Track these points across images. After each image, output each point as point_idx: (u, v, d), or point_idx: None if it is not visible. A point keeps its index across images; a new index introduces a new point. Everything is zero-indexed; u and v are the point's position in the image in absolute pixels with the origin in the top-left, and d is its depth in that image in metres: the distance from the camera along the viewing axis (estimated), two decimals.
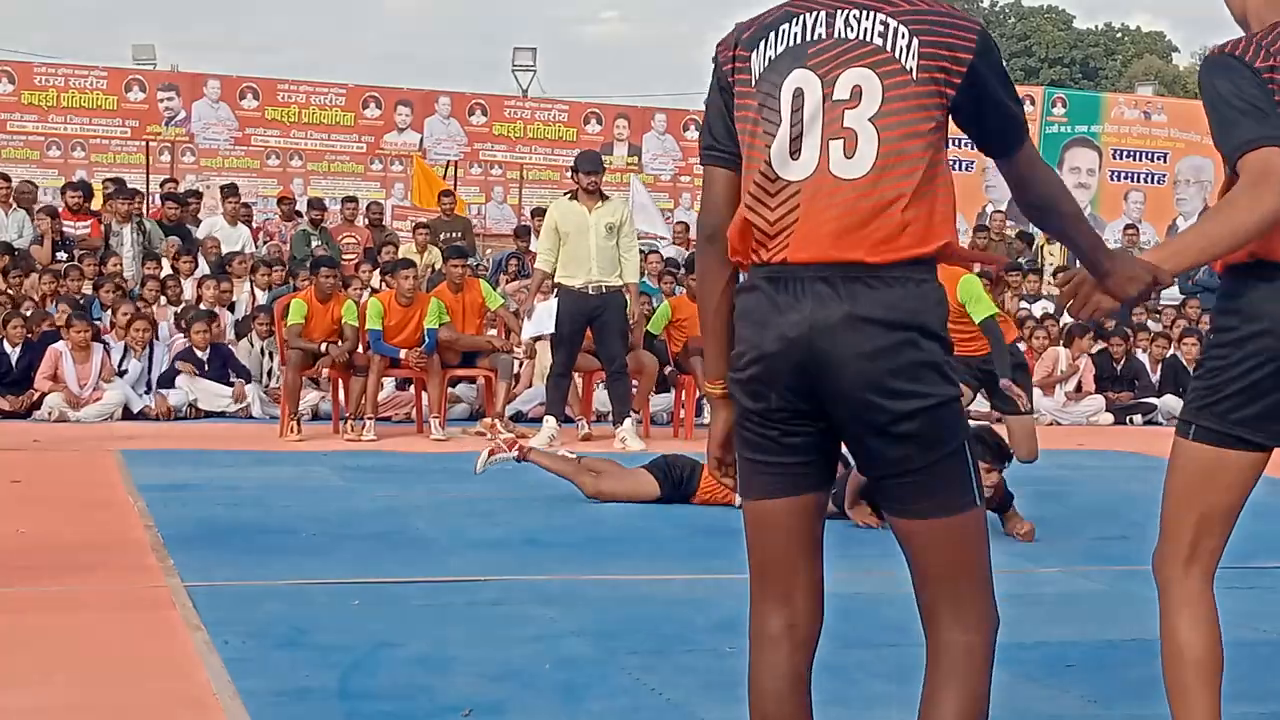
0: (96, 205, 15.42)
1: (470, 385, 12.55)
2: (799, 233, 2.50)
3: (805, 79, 2.52)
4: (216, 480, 8.31)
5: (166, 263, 13.91)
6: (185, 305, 13.15)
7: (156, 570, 5.76)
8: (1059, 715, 4.08)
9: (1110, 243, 15.61)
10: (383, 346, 10.95)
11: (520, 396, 12.43)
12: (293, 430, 10.72)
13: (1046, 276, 16.72)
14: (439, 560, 6.18)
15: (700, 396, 12.13)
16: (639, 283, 11.08)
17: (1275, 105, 2.95)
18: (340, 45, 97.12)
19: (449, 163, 21.32)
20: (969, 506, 2.57)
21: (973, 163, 18.22)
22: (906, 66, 2.48)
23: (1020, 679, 4.25)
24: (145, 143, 19.80)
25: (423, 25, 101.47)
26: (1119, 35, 60.86)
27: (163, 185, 18.31)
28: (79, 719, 3.95)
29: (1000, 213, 18.21)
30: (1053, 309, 15.01)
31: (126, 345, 12.01)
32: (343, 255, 14.92)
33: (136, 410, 11.66)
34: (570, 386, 11.07)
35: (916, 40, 2.48)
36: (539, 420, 11.11)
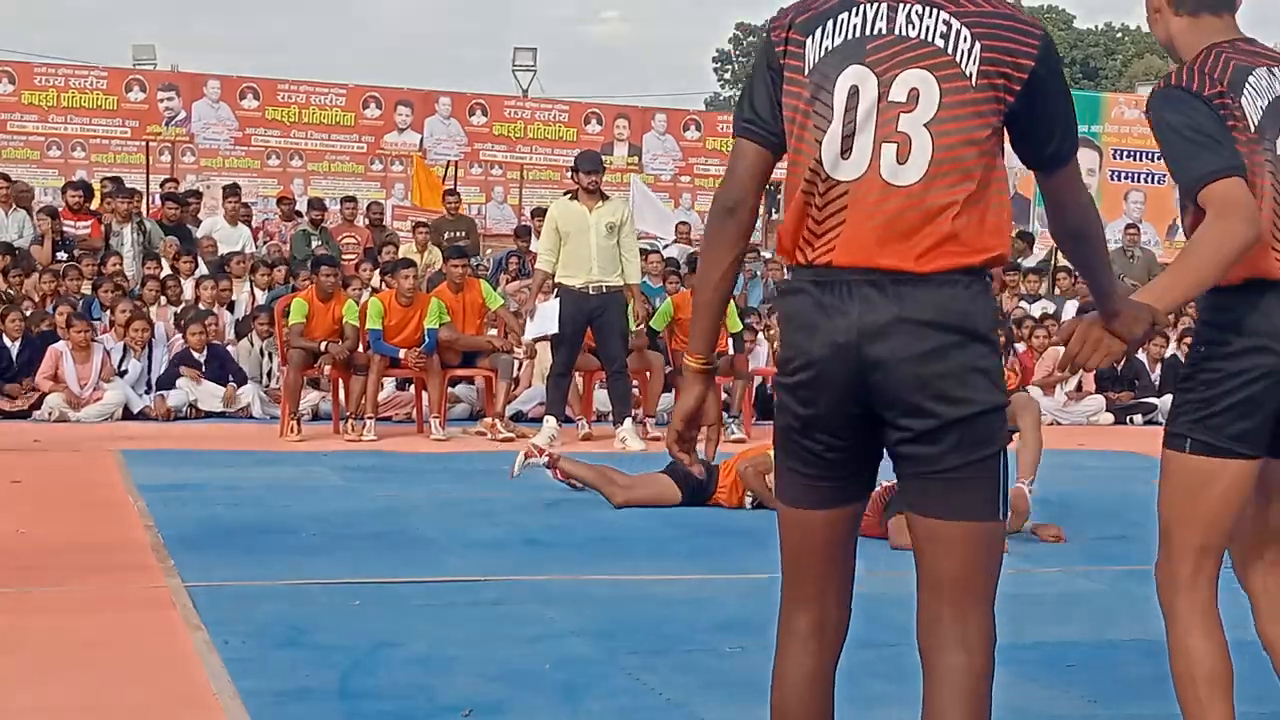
0: (96, 205, 15.43)
1: (469, 386, 12.54)
2: (845, 236, 2.47)
3: (862, 76, 2.46)
4: (216, 480, 8.31)
5: (166, 263, 13.90)
6: (185, 305, 13.15)
7: (156, 570, 5.76)
8: (1059, 715, 4.08)
9: (1111, 243, 15.64)
10: (382, 346, 10.95)
11: (520, 396, 12.42)
12: (293, 430, 10.71)
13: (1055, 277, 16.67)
14: (439, 560, 6.18)
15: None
16: (640, 283, 11.06)
17: (1229, 132, 2.99)
18: (340, 45, 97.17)
19: (449, 163, 21.30)
20: (992, 516, 2.54)
21: None
22: (966, 71, 2.43)
23: (1020, 679, 4.24)
24: (145, 143, 19.79)
25: (423, 25, 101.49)
26: (1119, 35, 60.83)
27: (163, 185, 18.30)
28: (79, 719, 3.95)
29: None
30: (1052, 309, 14.99)
31: (126, 345, 12.01)
32: (342, 255, 14.92)
33: (137, 410, 11.66)
34: (570, 386, 11.06)
35: (979, 45, 2.43)
36: (539, 420, 11.11)
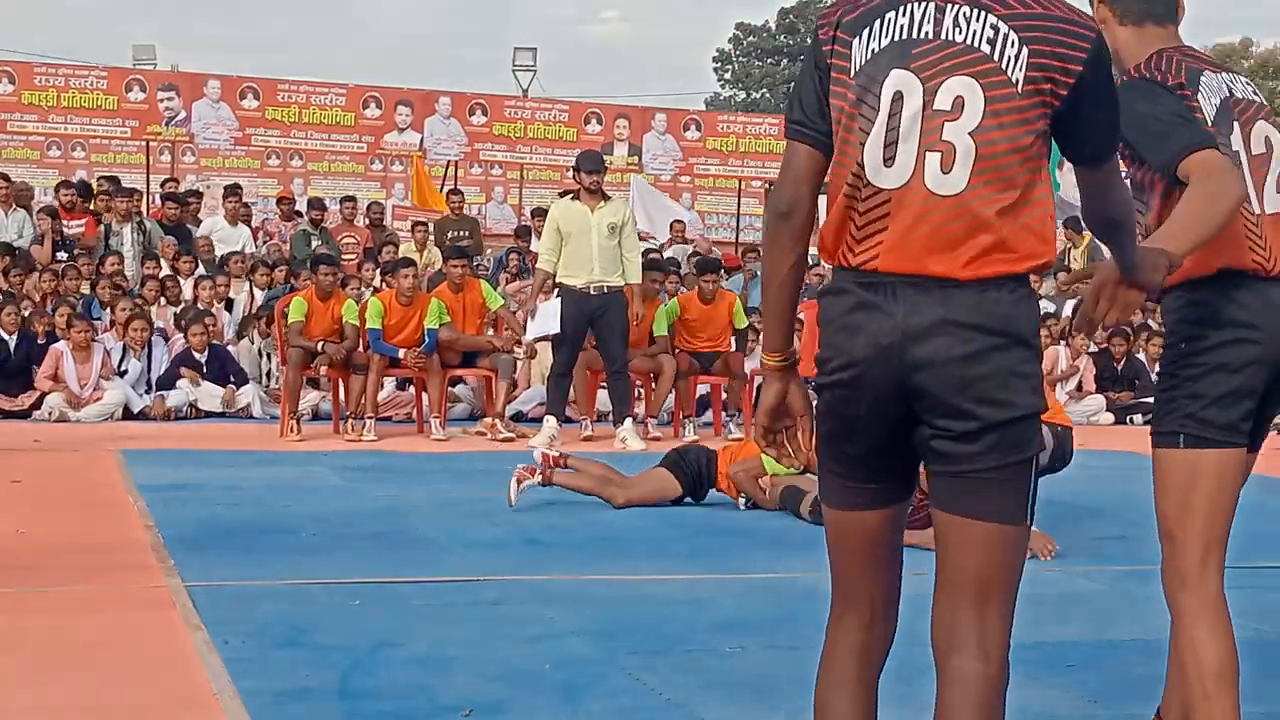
0: (93, 204, 15.45)
1: (466, 387, 12.54)
2: (887, 243, 2.47)
3: (906, 82, 2.45)
4: (216, 480, 8.31)
5: (165, 263, 13.91)
6: (184, 305, 13.16)
7: (156, 570, 5.76)
8: (1059, 715, 4.08)
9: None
10: (382, 346, 10.95)
11: (520, 396, 12.43)
12: (293, 430, 10.72)
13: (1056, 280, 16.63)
14: (439, 560, 6.18)
15: (699, 397, 12.14)
16: (640, 283, 11.06)
17: (1196, 117, 3.10)
18: (340, 45, 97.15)
19: (449, 163, 21.31)
20: (1020, 520, 2.54)
21: None
22: (1013, 79, 2.42)
23: (1020, 679, 4.22)
24: (145, 143, 19.82)
25: (423, 25, 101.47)
26: None
27: (163, 185, 18.31)
28: (79, 719, 3.95)
29: None
30: (1052, 309, 14.99)
31: (126, 345, 12.02)
32: (342, 255, 14.92)
33: (137, 410, 11.67)
34: (570, 386, 11.06)
35: (1026, 50, 2.41)
36: (539, 420, 11.11)
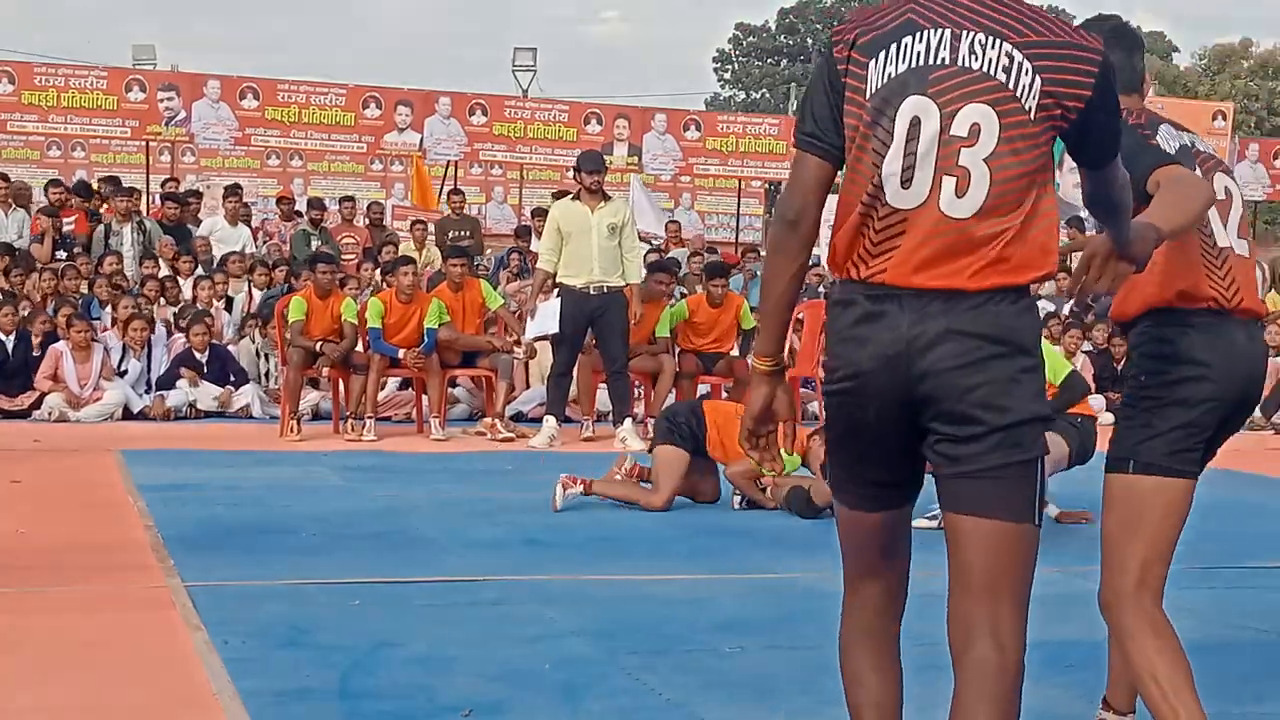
0: (83, 202, 15.47)
1: (462, 389, 12.53)
2: (897, 259, 2.57)
3: (924, 108, 2.54)
4: (216, 480, 8.31)
5: (164, 263, 13.91)
6: (183, 305, 13.15)
7: (156, 570, 5.76)
8: (1059, 715, 4.08)
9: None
10: (382, 345, 10.95)
11: (520, 396, 12.42)
12: (293, 430, 10.71)
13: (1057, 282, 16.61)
14: (439, 560, 6.19)
15: (699, 397, 12.13)
16: (640, 283, 11.06)
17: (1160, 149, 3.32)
18: (340, 45, 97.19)
19: (449, 163, 21.30)
20: (1029, 519, 2.61)
21: None
22: (1026, 107, 2.53)
23: None
24: (145, 143, 19.79)
25: (423, 25, 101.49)
26: None
27: (163, 185, 18.31)
28: (79, 719, 3.95)
29: None
30: (1051, 308, 14.97)
31: (126, 345, 12.01)
32: (342, 255, 14.92)
33: (137, 410, 11.66)
34: (570, 386, 11.06)
35: (1039, 79, 2.53)
36: (539, 420, 11.11)
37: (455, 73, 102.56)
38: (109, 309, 12.58)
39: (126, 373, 11.89)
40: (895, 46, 2.57)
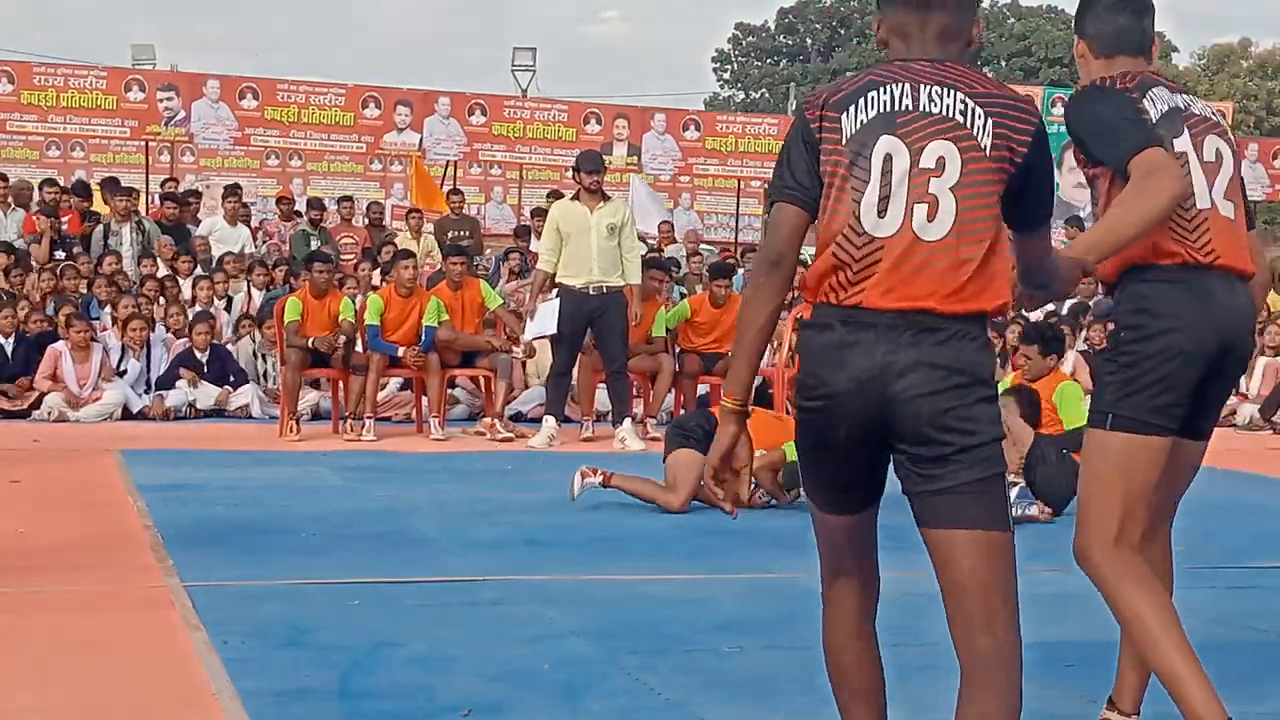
0: (80, 201, 15.47)
1: (461, 389, 12.53)
2: (874, 280, 2.79)
3: (894, 146, 2.82)
4: (216, 480, 8.31)
5: (163, 263, 13.91)
6: (182, 305, 13.14)
7: (156, 570, 5.76)
8: (1059, 715, 4.08)
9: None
10: (380, 344, 10.95)
11: (520, 396, 12.42)
12: (292, 430, 10.71)
13: None
14: (439, 560, 6.19)
15: (699, 396, 12.13)
16: (640, 283, 11.05)
17: (1142, 118, 3.40)
18: (340, 45, 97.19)
19: (449, 163, 21.29)
20: (1003, 528, 2.82)
21: None
22: (982, 144, 2.82)
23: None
24: (145, 143, 19.79)
25: (423, 25, 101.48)
26: None
27: (163, 185, 18.30)
28: (79, 719, 3.95)
29: None
30: (1051, 307, 14.96)
31: (125, 345, 12.01)
32: (341, 255, 14.92)
33: (136, 410, 11.66)
34: (569, 385, 11.06)
35: (990, 120, 2.83)
36: (538, 420, 11.11)
37: (455, 73, 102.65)
38: (108, 309, 12.59)
39: (126, 373, 11.90)
40: (863, 99, 2.86)
